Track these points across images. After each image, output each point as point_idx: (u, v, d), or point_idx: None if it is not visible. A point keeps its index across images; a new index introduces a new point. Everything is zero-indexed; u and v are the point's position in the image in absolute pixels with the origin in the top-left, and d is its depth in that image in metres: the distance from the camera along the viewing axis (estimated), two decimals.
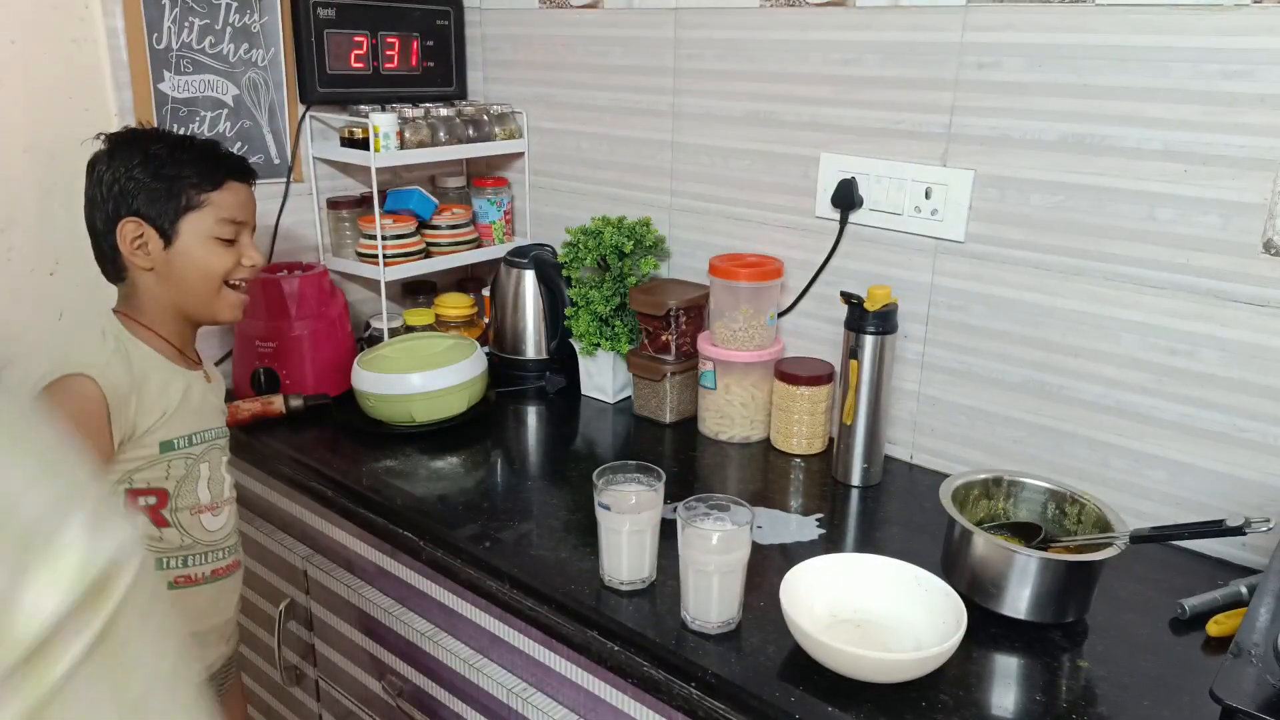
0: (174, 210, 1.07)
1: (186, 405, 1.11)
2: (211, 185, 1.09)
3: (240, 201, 1.12)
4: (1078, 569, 0.96)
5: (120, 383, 1.02)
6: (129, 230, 1.06)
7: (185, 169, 1.07)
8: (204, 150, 1.10)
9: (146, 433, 1.06)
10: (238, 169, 1.13)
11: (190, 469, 1.12)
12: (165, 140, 1.09)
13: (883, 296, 1.22)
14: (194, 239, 1.08)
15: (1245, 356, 1.07)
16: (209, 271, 1.10)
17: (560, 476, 1.32)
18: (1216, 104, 1.03)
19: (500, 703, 1.15)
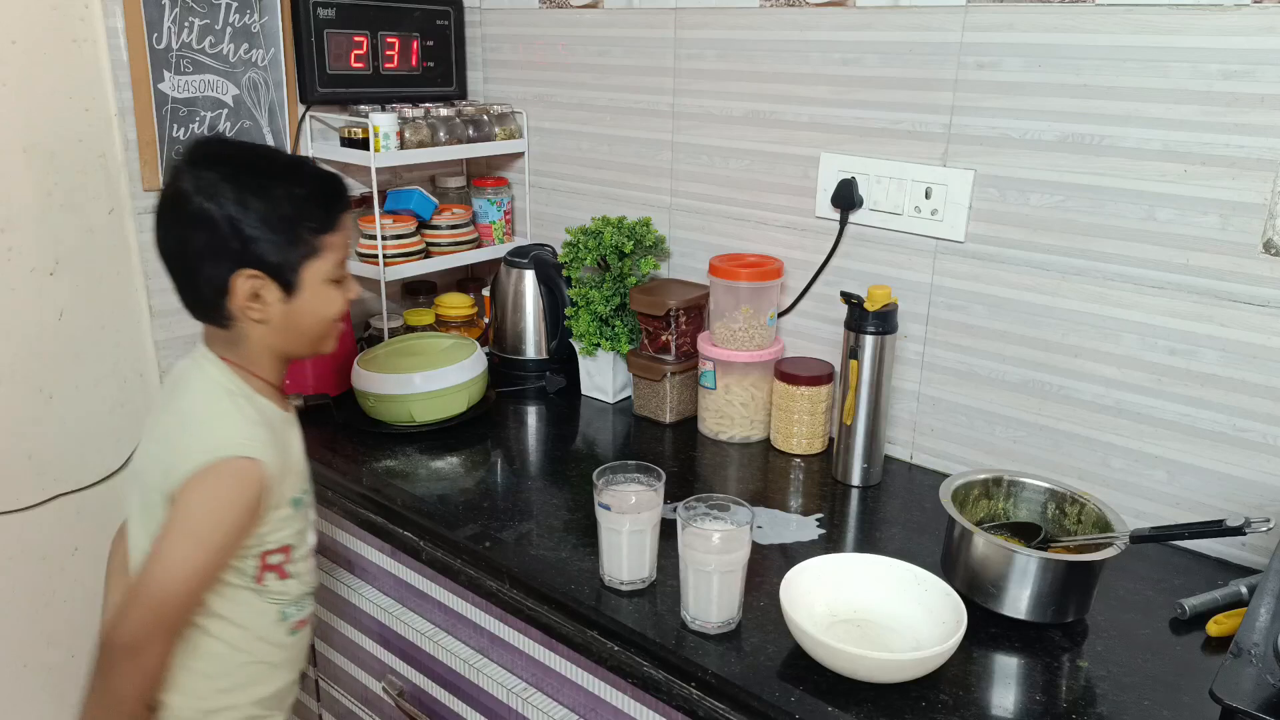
0: (296, 260, 0.96)
1: (300, 452, 1.07)
2: (331, 227, 0.99)
3: (348, 234, 1.03)
4: (1078, 569, 0.96)
5: (275, 459, 0.97)
6: (246, 285, 0.95)
7: (306, 211, 0.97)
8: (320, 185, 1.00)
9: (286, 493, 1.01)
10: (347, 201, 1.03)
11: (306, 517, 1.08)
12: (274, 169, 0.97)
13: (883, 296, 1.22)
14: (313, 287, 0.98)
15: (1245, 356, 1.07)
16: (326, 318, 1.01)
17: (560, 476, 1.32)
18: (1216, 104, 1.03)
19: (500, 703, 1.15)
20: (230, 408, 0.97)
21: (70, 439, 1.43)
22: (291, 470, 1.03)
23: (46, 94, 1.32)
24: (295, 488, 1.04)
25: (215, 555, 0.95)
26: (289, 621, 1.07)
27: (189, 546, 0.93)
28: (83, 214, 1.38)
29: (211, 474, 0.93)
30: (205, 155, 0.96)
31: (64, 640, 1.49)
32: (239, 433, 0.96)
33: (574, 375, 1.60)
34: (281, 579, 1.04)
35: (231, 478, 0.94)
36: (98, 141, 1.38)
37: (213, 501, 0.93)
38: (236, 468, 0.94)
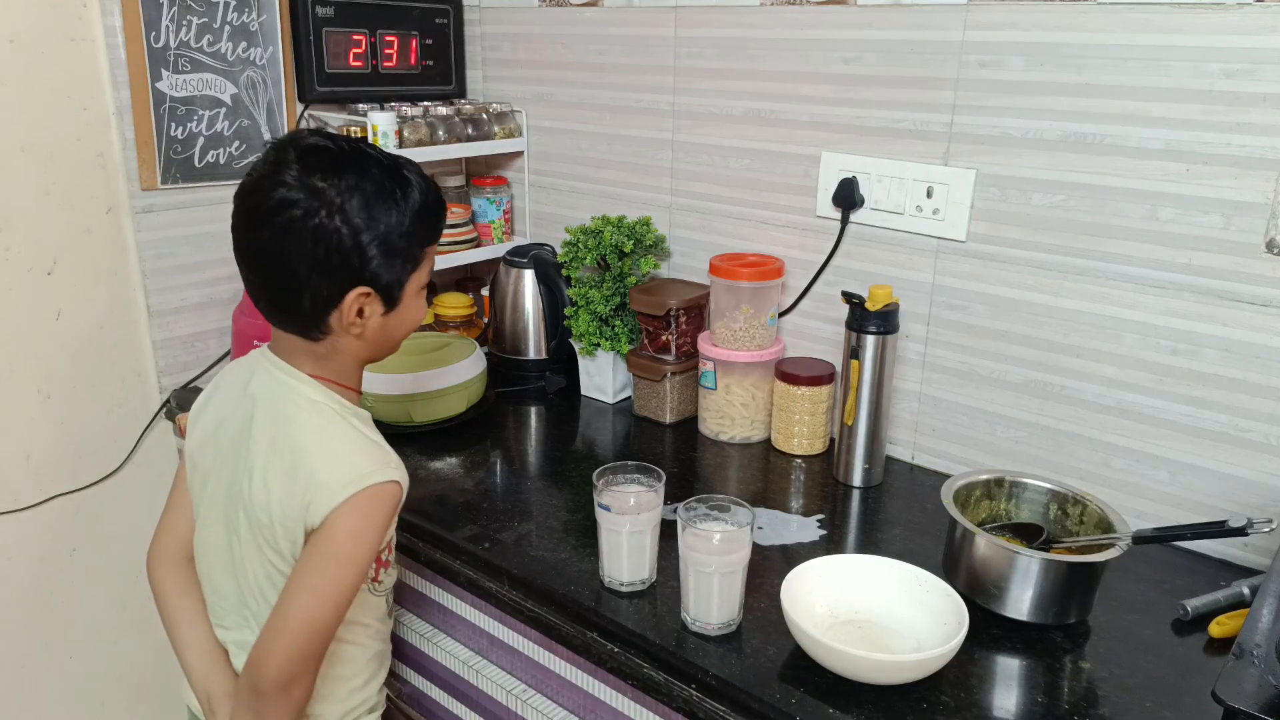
0: (405, 275, 0.94)
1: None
2: (431, 239, 0.96)
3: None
4: (1080, 570, 0.96)
5: (407, 475, 0.96)
6: (356, 302, 0.92)
7: (418, 226, 0.93)
8: (429, 196, 0.95)
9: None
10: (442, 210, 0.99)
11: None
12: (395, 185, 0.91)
13: (884, 296, 1.21)
14: (411, 298, 0.97)
15: (1247, 356, 1.06)
16: (414, 326, 1.00)
17: (560, 477, 1.32)
18: (1218, 103, 1.03)
19: (500, 704, 1.15)
20: (352, 433, 0.95)
21: (68, 439, 1.43)
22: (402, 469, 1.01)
23: (44, 93, 1.31)
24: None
25: (360, 578, 0.93)
26: (389, 606, 1.10)
27: (340, 574, 0.91)
28: (81, 213, 1.38)
29: (359, 503, 0.91)
30: (319, 161, 0.89)
31: (63, 640, 1.49)
32: (373, 458, 0.94)
33: (574, 375, 1.60)
34: (386, 570, 1.05)
35: (377, 504, 0.92)
36: (95, 141, 1.37)
37: (362, 529, 0.92)
38: (381, 494, 0.92)
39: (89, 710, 1.55)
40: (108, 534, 1.51)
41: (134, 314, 1.46)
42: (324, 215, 0.87)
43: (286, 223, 0.87)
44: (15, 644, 1.44)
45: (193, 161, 1.47)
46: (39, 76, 1.30)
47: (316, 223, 0.87)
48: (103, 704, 1.56)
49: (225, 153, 1.51)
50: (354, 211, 0.88)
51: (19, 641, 1.45)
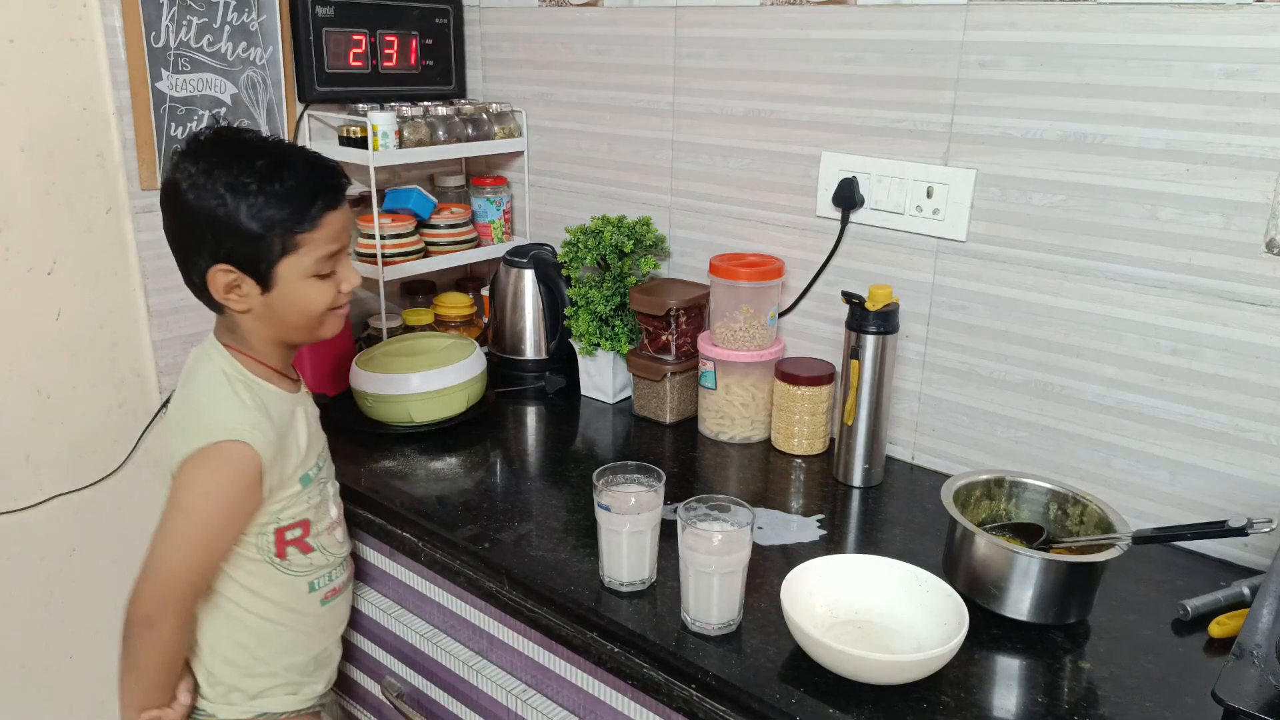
0: (270, 258, 0.98)
1: (308, 432, 1.09)
2: (311, 226, 0.99)
3: (338, 230, 1.03)
4: (1080, 570, 0.96)
5: (270, 440, 1.00)
6: (222, 278, 0.99)
7: (280, 210, 0.97)
8: (301, 181, 0.98)
9: (290, 473, 1.05)
10: (334, 198, 1.02)
11: (323, 492, 1.12)
12: (255, 166, 0.96)
13: (884, 296, 1.21)
14: (291, 283, 1.00)
15: (1247, 356, 1.06)
16: (311, 310, 1.03)
17: (560, 477, 1.32)
18: (1218, 103, 1.03)
19: (499, 704, 1.15)
20: (228, 393, 1.01)
21: (68, 439, 1.43)
22: (297, 449, 1.07)
23: (44, 93, 1.31)
24: (305, 465, 1.08)
25: (213, 534, 1.01)
26: (319, 592, 1.14)
27: (184, 524, 1.00)
28: (80, 213, 1.37)
29: (205, 456, 0.98)
30: (200, 146, 0.98)
31: (63, 640, 1.49)
32: (232, 418, 0.99)
33: (574, 375, 1.60)
34: (304, 553, 1.10)
35: (223, 460, 0.98)
36: (95, 141, 1.37)
37: (206, 482, 0.99)
38: (229, 451, 0.98)
39: (89, 710, 1.55)
40: (108, 534, 1.50)
41: (134, 314, 1.46)
42: (187, 193, 0.96)
43: (166, 205, 1.00)
44: (15, 644, 1.44)
45: None
46: (39, 76, 1.30)
47: (180, 200, 0.97)
48: (103, 704, 1.56)
49: None
50: (211, 191, 0.95)
51: (19, 641, 1.44)
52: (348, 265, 1.07)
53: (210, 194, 0.95)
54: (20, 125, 1.30)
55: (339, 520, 1.17)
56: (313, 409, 1.15)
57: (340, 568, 1.17)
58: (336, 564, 1.16)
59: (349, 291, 1.07)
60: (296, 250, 0.99)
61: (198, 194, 0.96)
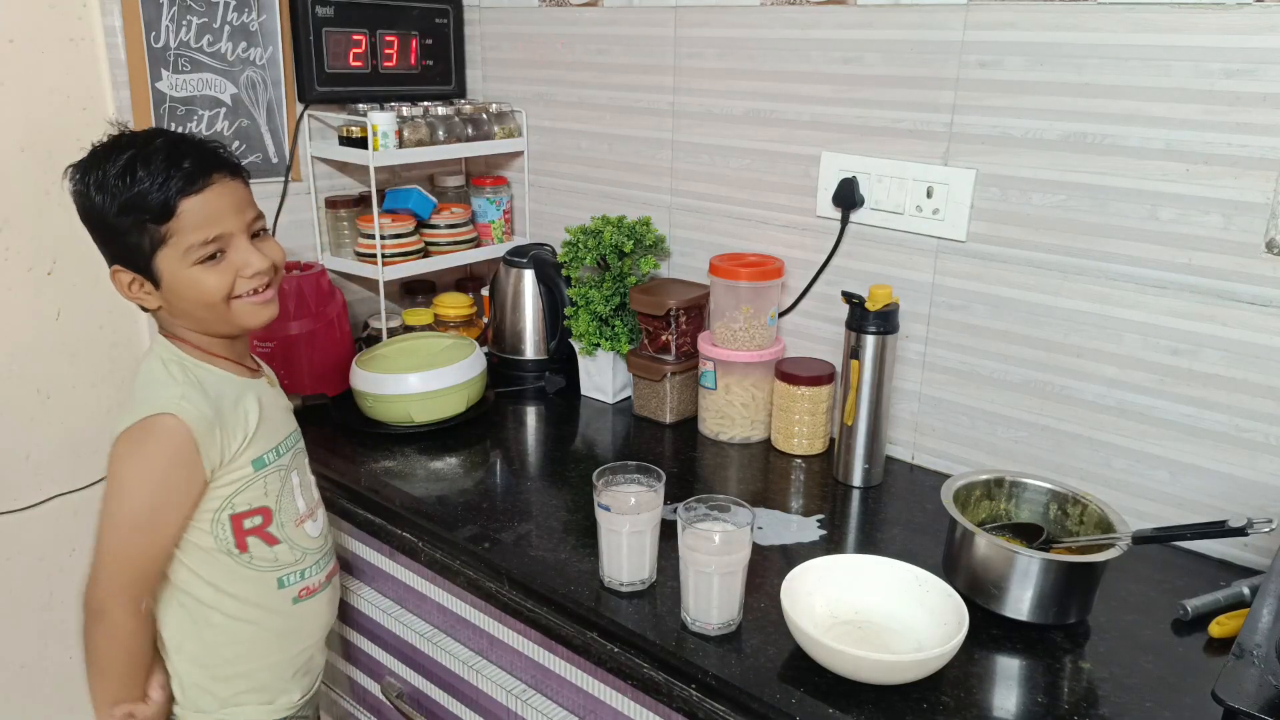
0: (144, 253, 0.96)
1: (265, 417, 1.05)
2: (163, 217, 0.95)
3: (209, 214, 0.97)
4: (1080, 570, 0.96)
5: (202, 412, 0.97)
6: (121, 279, 0.99)
7: (133, 206, 0.94)
8: (153, 170, 0.94)
9: (237, 454, 1.01)
10: (188, 183, 0.95)
11: (285, 480, 1.08)
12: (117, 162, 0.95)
13: (884, 296, 1.21)
14: (175, 275, 0.97)
15: (1247, 356, 1.06)
16: (207, 299, 0.99)
17: (560, 477, 1.32)
18: (1218, 103, 1.03)
19: (499, 704, 1.15)
20: (162, 375, 1.00)
21: (67, 439, 1.43)
22: (244, 428, 1.02)
23: (44, 93, 1.31)
24: (257, 448, 1.04)
25: (150, 514, 0.98)
26: (290, 589, 1.09)
27: (119, 507, 0.98)
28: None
29: (132, 433, 0.96)
30: (90, 151, 0.98)
31: (62, 640, 1.49)
32: (160, 393, 0.98)
33: (573, 375, 1.60)
34: (269, 545, 1.06)
35: (149, 434, 0.96)
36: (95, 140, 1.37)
37: (133, 458, 0.97)
38: (155, 424, 0.96)
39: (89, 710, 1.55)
40: None
41: (134, 314, 1.46)
42: (75, 199, 0.97)
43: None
44: (15, 644, 1.44)
45: None
46: (39, 76, 1.30)
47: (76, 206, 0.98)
48: None
49: None
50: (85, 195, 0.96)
51: (19, 641, 1.44)
52: (243, 248, 1.00)
53: (85, 196, 0.96)
54: (20, 125, 1.30)
55: (311, 514, 1.12)
56: (277, 398, 1.12)
57: (316, 565, 1.12)
58: (311, 561, 1.11)
59: (254, 275, 1.00)
60: (165, 242, 0.96)
61: (79, 198, 0.97)
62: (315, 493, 1.15)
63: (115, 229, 0.96)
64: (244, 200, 1.02)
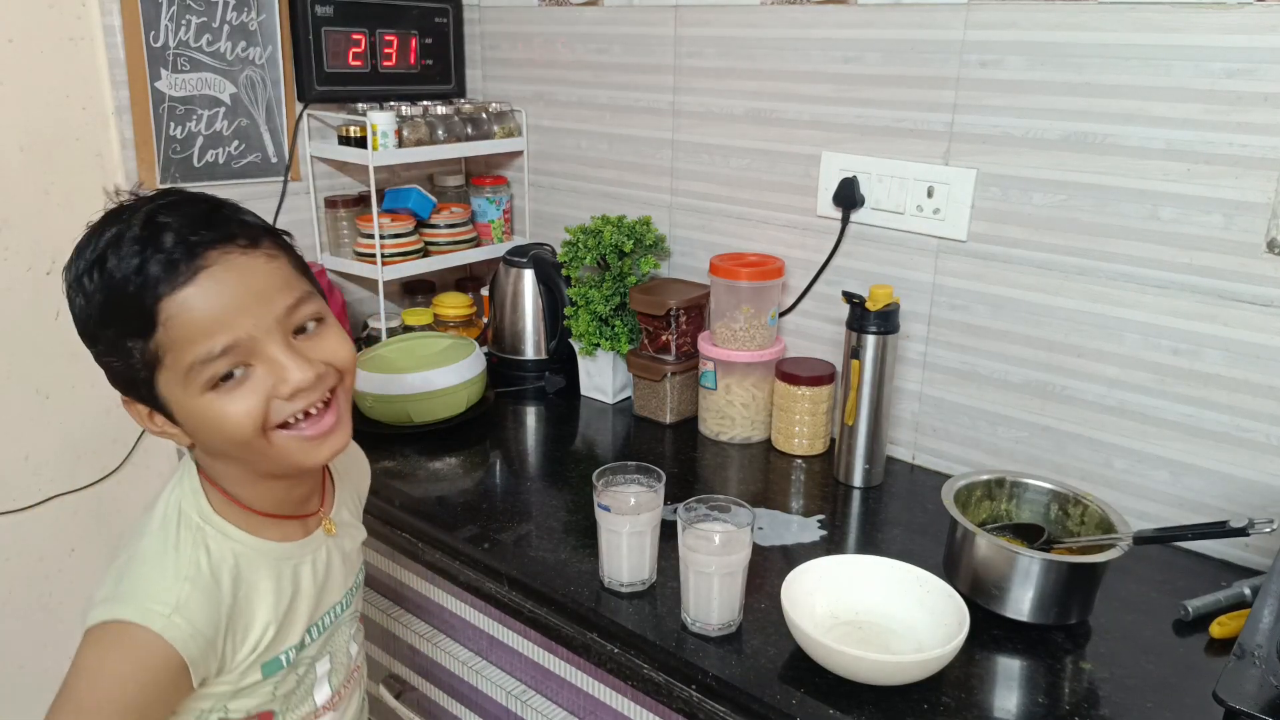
0: (140, 378, 0.71)
1: (302, 597, 0.81)
2: (145, 328, 0.68)
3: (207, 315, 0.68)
4: (1081, 570, 0.95)
5: (198, 630, 0.72)
6: (138, 411, 0.75)
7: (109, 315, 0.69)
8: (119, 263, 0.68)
9: (244, 661, 0.77)
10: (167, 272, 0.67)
11: (305, 676, 0.84)
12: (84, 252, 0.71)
13: (884, 296, 1.21)
14: (186, 403, 0.71)
15: (1248, 356, 1.06)
16: (230, 433, 0.71)
17: (560, 477, 1.31)
18: (1219, 103, 1.02)
19: (500, 705, 1.15)
20: (160, 548, 0.75)
21: (67, 440, 1.43)
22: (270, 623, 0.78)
23: (43, 92, 1.31)
24: (284, 642, 0.80)
25: None
26: None
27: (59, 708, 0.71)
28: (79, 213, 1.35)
29: (95, 636, 0.72)
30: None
31: (61, 641, 1.49)
32: (152, 589, 0.72)
33: (573, 375, 1.60)
34: None
35: (120, 648, 0.71)
36: (94, 140, 1.37)
37: (90, 669, 0.71)
38: (130, 637, 0.70)
39: None
40: (107, 534, 1.50)
41: None
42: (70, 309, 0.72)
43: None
44: (15, 644, 1.44)
45: (192, 161, 1.47)
46: (38, 76, 1.30)
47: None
48: None
49: (224, 152, 1.51)
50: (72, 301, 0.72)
51: (19, 641, 1.44)
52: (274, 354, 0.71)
53: (69, 301, 0.72)
54: (19, 125, 1.30)
55: (335, 702, 0.87)
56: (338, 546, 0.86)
57: None
58: None
59: (295, 393, 0.72)
60: (160, 362, 0.69)
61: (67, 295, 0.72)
62: (353, 664, 0.91)
63: (101, 345, 0.71)
64: (270, 283, 0.72)
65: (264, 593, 0.78)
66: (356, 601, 0.92)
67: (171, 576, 0.73)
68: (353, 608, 0.90)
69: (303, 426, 0.74)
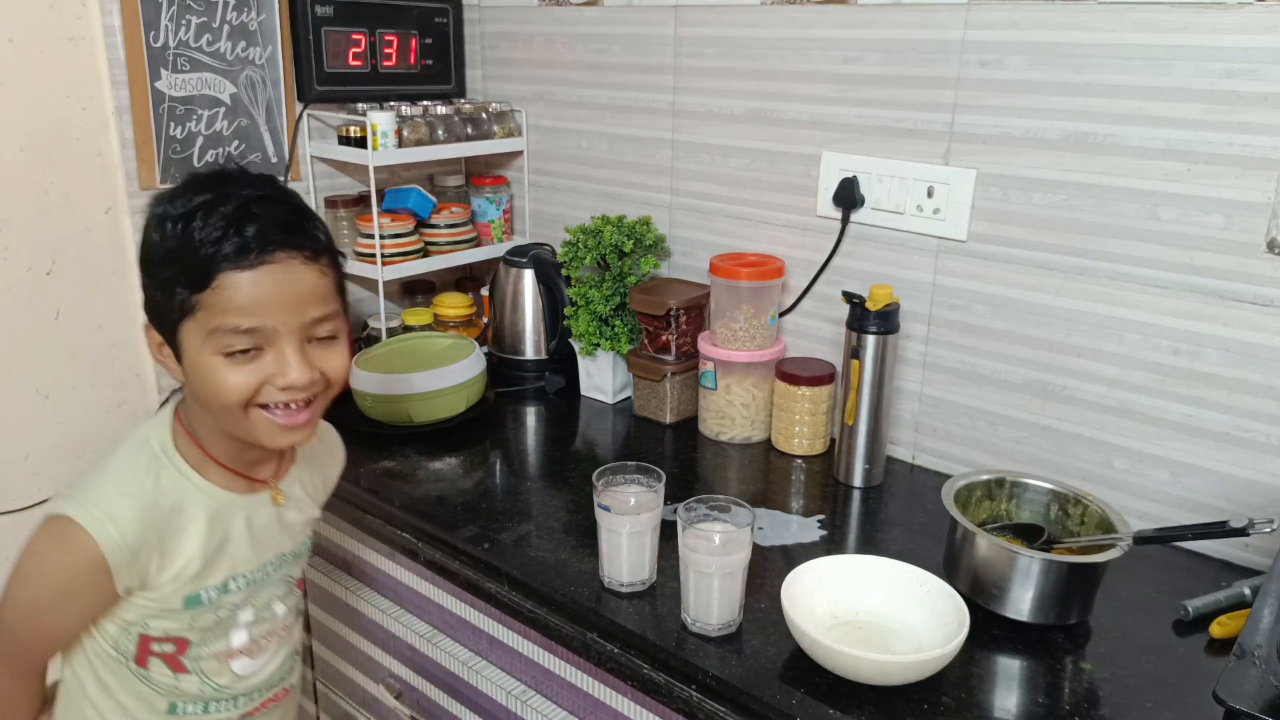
0: (170, 316, 0.80)
1: (232, 545, 0.89)
2: (197, 285, 0.77)
3: (252, 299, 0.78)
4: (1081, 570, 0.95)
5: (125, 541, 0.81)
6: (152, 338, 0.84)
7: (174, 259, 0.78)
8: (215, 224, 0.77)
9: (168, 584, 0.86)
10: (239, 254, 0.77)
11: (225, 618, 0.91)
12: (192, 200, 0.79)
13: (885, 296, 1.21)
14: (195, 354, 0.80)
15: (1248, 356, 1.06)
16: (219, 397, 0.80)
17: (560, 477, 1.31)
18: (1219, 103, 1.02)
19: (499, 705, 1.15)
20: (124, 466, 0.85)
21: (67, 439, 1.42)
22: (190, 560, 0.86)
23: (43, 92, 1.31)
24: (201, 582, 0.87)
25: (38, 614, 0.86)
26: (181, 718, 0.93)
27: (14, 587, 0.85)
28: (79, 213, 1.37)
29: (49, 526, 0.83)
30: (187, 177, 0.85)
31: None
32: (98, 495, 0.83)
33: (573, 375, 1.60)
34: (175, 672, 0.90)
35: (58, 542, 0.82)
36: (94, 140, 1.37)
37: (37, 557, 0.84)
38: (68, 532, 0.81)
39: None
40: None
41: (133, 314, 1.46)
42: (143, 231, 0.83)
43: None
44: None
45: (192, 161, 1.47)
46: (38, 76, 1.30)
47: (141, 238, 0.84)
48: None
49: (224, 152, 1.51)
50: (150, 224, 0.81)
51: None
52: (287, 352, 0.81)
53: (146, 229, 0.82)
54: (19, 125, 1.29)
55: (251, 650, 0.94)
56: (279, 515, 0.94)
57: (230, 702, 0.94)
58: (226, 696, 0.94)
59: (287, 388, 0.81)
60: (193, 313, 0.79)
61: (145, 228, 0.82)
62: (279, 623, 0.98)
63: (154, 278, 0.81)
64: (313, 294, 0.81)
65: (196, 528, 0.86)
66: (293, 569, 0.99)
67: (116, 491, 0.83)
68: (284, 571, 0.97)
69: (278, 414, 0.84)
